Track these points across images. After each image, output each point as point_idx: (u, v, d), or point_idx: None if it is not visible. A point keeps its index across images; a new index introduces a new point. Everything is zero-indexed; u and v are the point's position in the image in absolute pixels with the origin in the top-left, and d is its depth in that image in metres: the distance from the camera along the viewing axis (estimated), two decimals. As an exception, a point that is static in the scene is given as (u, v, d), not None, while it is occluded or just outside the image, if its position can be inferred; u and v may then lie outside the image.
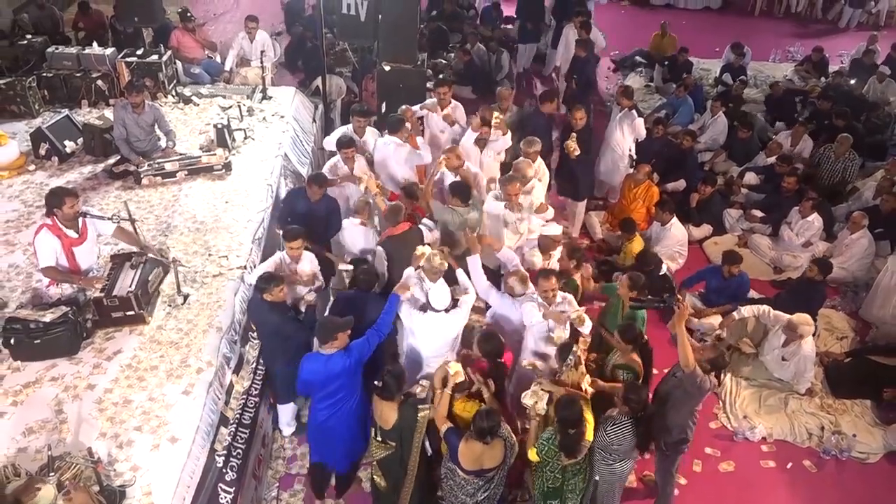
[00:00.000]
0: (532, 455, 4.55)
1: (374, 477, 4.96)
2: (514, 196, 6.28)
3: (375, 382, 4.56)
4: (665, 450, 5.15)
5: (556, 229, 6.29)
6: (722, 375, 6.22)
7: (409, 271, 5.40)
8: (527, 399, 4.65)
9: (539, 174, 7.15)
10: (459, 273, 5.49)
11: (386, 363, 5.06)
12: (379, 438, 4.69)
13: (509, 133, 7.32)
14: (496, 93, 8.37)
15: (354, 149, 6.77)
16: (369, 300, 5.37)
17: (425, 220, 6.31)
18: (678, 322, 4.77)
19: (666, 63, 12.49)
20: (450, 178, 6.73)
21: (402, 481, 4.80)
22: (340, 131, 7.37)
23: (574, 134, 7.50)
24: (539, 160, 7.22)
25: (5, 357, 4.83)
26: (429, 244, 5.80)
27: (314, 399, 4.97)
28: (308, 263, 5.70)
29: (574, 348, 4.92)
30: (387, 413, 4.56)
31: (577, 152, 7.32)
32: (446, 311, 5.15)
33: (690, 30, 14.68)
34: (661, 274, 6.79)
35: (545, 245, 6.24)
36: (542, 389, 4.63)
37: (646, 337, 5.33)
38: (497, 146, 7.33)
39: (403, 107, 7.43)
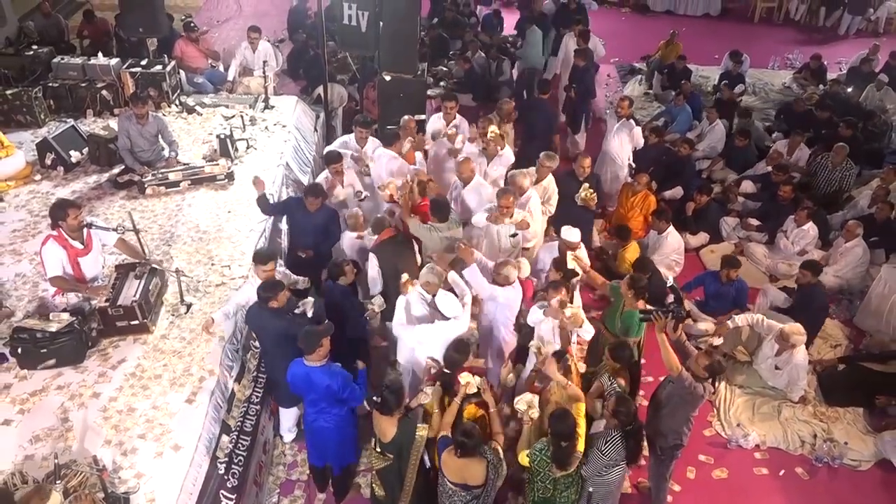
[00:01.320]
0: (522, 459, 4.62)
1: (373, 485, 5.04)
2: (507, 209, 6.31)
3: (374, 398, 4.63)
4: (660, 454, 5.23)
5: (574, 235, 6.35)
6: (717, 383, 6.30)
7: (400, 301, 5.50)
8: (520, 404, 4.76)
9: (549, 191, 7.23)
10: (452, 275, 5.57)
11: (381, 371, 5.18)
12: (378, 450, 4.76)
13: (508, 148, 7.34)
14: (497, 105, 8.37)
15: (342, 163, 6.83)
16: (339, 289, 5.69)
17: None
18: (658, 331, 4.90)
19: (665, 70, 12.58)
20: (459, 189, 6.91)
21: (399, 493, 4.87)
22: (341, 141, 7.47)
23: (585, 184, 7.10)
24: (550, 177, 7.27)
25: (12, 366, 4.95)
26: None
27: (304, 401, 5.11)
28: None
29: (566, 356, 5.03)
30: (385, 427, 4.62)
31: (596, 200, 7.12)
32: (455, 317, 5.28)
33: (690, 36, 14.72)
34: (669, 285, 6.89)
35: (564, 250, 6.34)
36: (542, 371, 4.79)
37: (636, 357, 5.47)
38: (503, 160, 7.38)
39: (406, 117, 7.51)
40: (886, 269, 7.40)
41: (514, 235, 6.43)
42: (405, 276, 5.55)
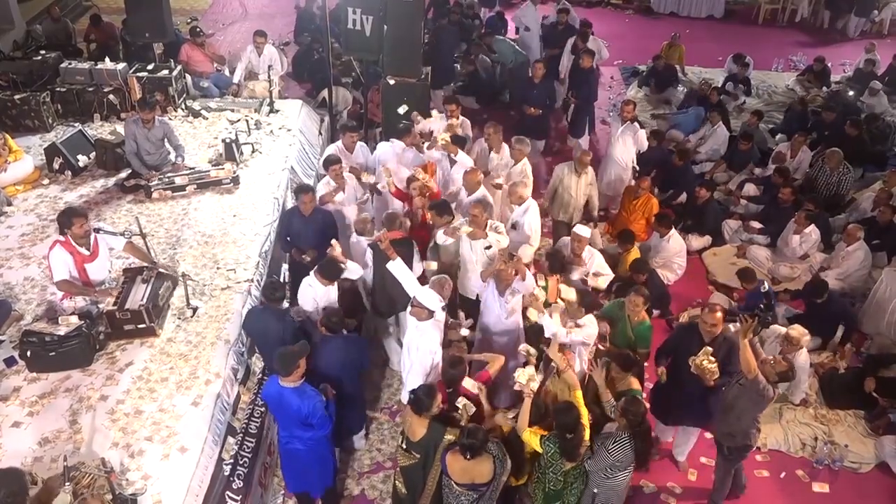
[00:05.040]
0: (527, 438, 4.65)
1: (396, 482, 5.08)
2: (475, 217, 6.11)
3: (410, 396, 4.68)
4: (727, 454, 5.34)
5: (585, 230, 6.40)
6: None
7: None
8: (521, 377, 4.76)
9: (525, 174, 7.30)
10: (395, 266, 5.58)
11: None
12: (404, 447, 4.80)
13: (462, 153, 7.21)
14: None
15: (341, 165, 6.81)
16: (336, 342, 5.20)
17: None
18: (743, 335, 4.87)
19: (652, 79, 12.59)
20: (464, 196, 6.87)
21: (421, 491, 4.90)
22: (336, 146, 7.49)
23: (708, 349, 5.07)
24: (525, 160, 7.39)
25: (21, 368, 5.03)
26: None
27: (277, 423, 5.04)
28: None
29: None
30: (415, 427, 4.65)
31: (716, 376, 5.03)
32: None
33: (694, 38, 14.79)
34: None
35: (573, 246, 6.39)
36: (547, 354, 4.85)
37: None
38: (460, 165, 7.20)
39: (413, 112, 7.53)
40: (888, 273, 7.41)
41: (488, 248, 6.15)
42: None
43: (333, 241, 5.79)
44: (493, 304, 5.85)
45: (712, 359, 4.98)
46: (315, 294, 5.62)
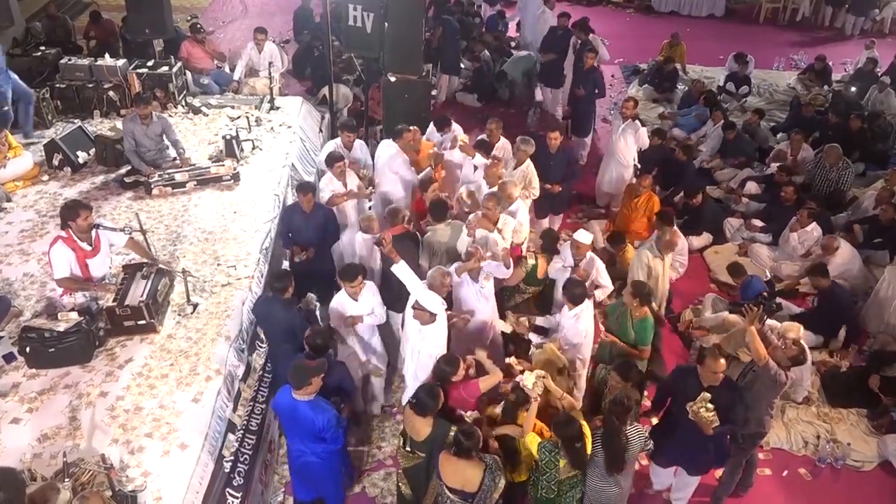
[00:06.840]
0: (529, 440, 4.62)
1: (400, 485, 5.04)
2: (489, 211, 6.20)
3: (411, 399, 4.65)
4: (741, 443, 5.32)
5: (586, 237, 6.35)
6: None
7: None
8: (528, 381, 4.73)
9: (528, 175, 7.31)
10: (399, 268, 5.51)
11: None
12: (407, 448, 4.76)
13: (479, 156, 7.17)
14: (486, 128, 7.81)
15: (344, 162, 6.78)
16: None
17: None
18: (749, 322, 5.02)
19: (656, 79, 12.57)
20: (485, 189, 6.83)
21: (425, 490, 4.87)
22: (329, 147, 7.48)
23: (706, 394, 4.75)
24: (528, 161, 7.33)
25: (21, 364, 5.00)
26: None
27: (287, 435, 5.00)
28: (371, 297, 5.68)
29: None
30: (419, 427, 4.60)
31: (716, 424, 4.72)
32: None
33: (695, 37, 14.77)
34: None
35: (573, 253, 6.36)
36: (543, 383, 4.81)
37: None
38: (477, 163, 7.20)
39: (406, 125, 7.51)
40: (890, 271, 7.39)
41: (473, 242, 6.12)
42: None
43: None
44: (469, 292, 5.86)
45: (710, 406, 4.69)
46: (342, 304, 5.60)
